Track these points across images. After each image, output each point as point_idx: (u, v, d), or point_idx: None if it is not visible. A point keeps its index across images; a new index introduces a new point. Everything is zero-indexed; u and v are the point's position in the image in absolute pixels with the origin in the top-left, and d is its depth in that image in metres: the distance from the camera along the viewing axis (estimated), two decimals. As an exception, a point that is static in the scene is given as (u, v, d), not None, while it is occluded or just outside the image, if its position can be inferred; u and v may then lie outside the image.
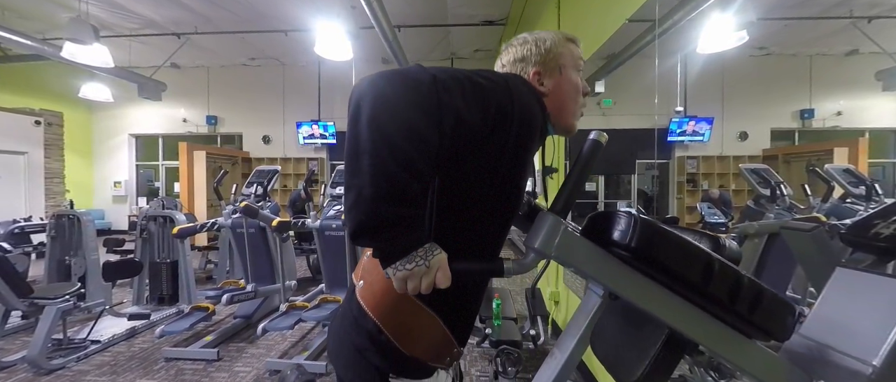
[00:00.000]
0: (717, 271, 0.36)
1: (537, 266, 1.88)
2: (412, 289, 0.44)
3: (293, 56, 6.26)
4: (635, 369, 0.55)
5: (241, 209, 2.24)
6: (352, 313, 0.62)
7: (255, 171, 2.90)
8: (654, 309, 0.36)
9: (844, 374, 0.35)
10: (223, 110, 6.89)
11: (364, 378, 0.59)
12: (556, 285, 2.27)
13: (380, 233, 0.42)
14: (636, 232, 0.36)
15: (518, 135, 0.47)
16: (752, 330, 0.37)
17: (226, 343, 2.33)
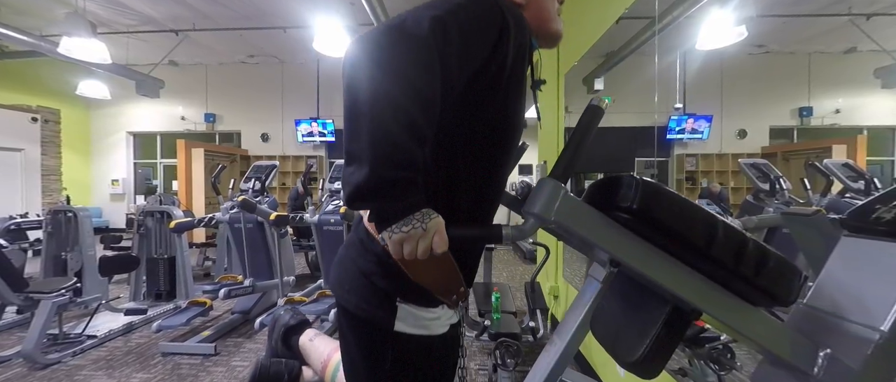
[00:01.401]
0: (720, 232, 0.36)
1: (537, 260, 1.88)
2: (408, 253, 0.43)
3: (292, 54, 6.25)
4: (636, 348, 0.54)
5: (239, 203, 2.23)
6: (359, 238, 0.61)
7: (253, 166, 2.89)
8: (656, 276, 0.36)
9: (851, 341, 0.34)
10: (221, 108, 6.87)
11: (370, 301, 0.57)
12: (555, 279, 2.26)
13: (377, 195, 0.41)
14: (639, 192, 0.36)
15: (516, 51, 0.47)
16: (756, 295, 0.36)
17: (223, 338, 2.32)
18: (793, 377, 0.37)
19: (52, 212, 2.72)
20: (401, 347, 0.58)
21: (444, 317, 0.61)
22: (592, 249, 0.37)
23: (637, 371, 0.55)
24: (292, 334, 0.94)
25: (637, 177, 0.36)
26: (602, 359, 1.61)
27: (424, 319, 0.58)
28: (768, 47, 4.73)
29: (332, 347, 0.85)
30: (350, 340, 0.65)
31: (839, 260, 0.39)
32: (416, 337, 0.58)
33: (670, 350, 0.54)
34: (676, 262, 0.36)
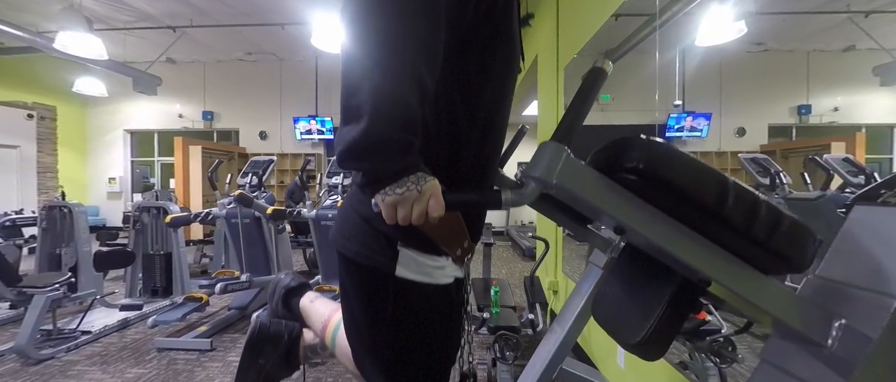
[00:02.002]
0: (732, 192, 0.34)
1: (536, 254, 1.86)
2: (403, 217, 0.41)
3: (290, 51, 6.22)
4: (640, 329, 0.52)
5: (236, 197, 2.20)
6: (357, 185, 0.59)
7: (250, 161, 2.87)
8: (664, 242, 0.34)
9: (867, 309, 0.33)
10: (219, 106, 6.84)
11: (370, 246, 0.55)
12: (555, 274, 2.25)
13: (372, 154, 0.39)
14: (647, 152, 0.34)
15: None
16: (769, 260, 0.35)
17: (219, 333, 2.30)
18: (805, 350, 0.35)
19: (46, 208, 2.69)
20: (402, 294, 0.56)
21: (448, 268, 0.58)
22: (597, 215, 0.35)
23: (641, 353, 0.54)
24: (293, 296, 0.92)
25: (644, 137, 0.35)
26: (602, 352, 1.60)
27: (427, 266, 0.56)
28: (767, 45, 4.75)
29: (333, 308, 0.83)
30: (350, 290, 0.63)
31: (852, 230, 0.38)
32: (418, 284, 0.56)
33: (675, 330, 0.52)
34: (685, 228, 0.34)
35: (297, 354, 0.88)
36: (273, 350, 0.85)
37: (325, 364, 2.01)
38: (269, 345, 0.85)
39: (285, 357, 0.86)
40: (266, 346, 0.85)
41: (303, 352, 0.89)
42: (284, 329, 0.87)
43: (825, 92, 4.06)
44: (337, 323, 0.77)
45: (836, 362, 0.33)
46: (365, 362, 0.65)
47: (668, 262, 0.37)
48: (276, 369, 0.86)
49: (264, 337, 0.86)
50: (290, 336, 0.86)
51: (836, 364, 0.33)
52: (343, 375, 1.81)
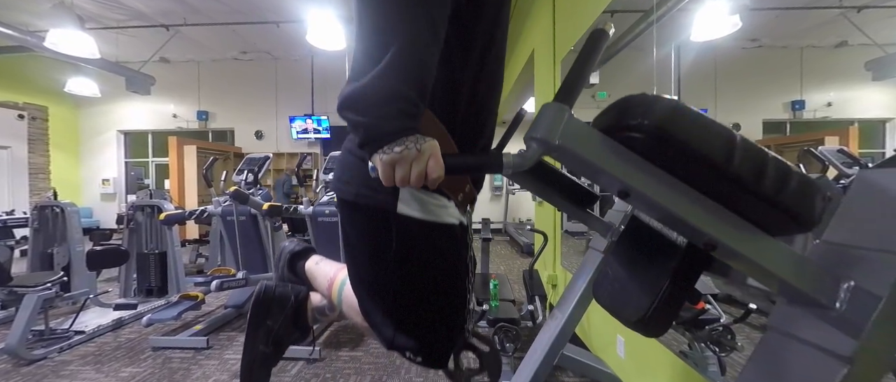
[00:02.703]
0: (740, 147, 0.33)
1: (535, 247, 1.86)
2: (401, 178, 0.40)
3: (285, 49, 6.19)
4: (643, 305, 0.52)
5: (231, 193, 2.18)
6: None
7: (245, 158, 2.83)
8: (669, 203, 0.33)
9: (875, 269, 0.32)
10: (214, 105, 6.78)
11: (371, 186, 0.53)
12: (553, 268, 2.24)
13: (378, 107, 0.39)
14: (651, 108, 0.33)
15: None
16: (777, 218, 0.34)
17: (216, 332, 2.27)
18: (813, 314, 0.34)
19: (38, 208, 2.65)
20: (405, 232, 0.54)
21: (451, 209, 0.57)
22: (600, 178, 0.34)
23: (644, 330, 0.53)
24: (298, 260, 0.90)
25: (649, 94, 0.34)
26: (601, 343, 1.60)
27: (430, 204, 0.54)
28: (761, 41, 4.81)
29: (338, 267, 0.82)
30: (352, 236, 0.61)
31: (857, 195, 0.37)
32: (421, 222, 0.54)
33: (677, 306, 0.52)
34: (691, 189, 0.33)
35: (306, 316, 0.86)
36: (280, 311, 0.83)
37: (333, 324, 1.99)
38: (276, 306, 0.84)
39: (293, 319, 0.85)
40: (272, 307, 0.83)
41: (311, 314, 0.87)
42: (291, 292, 0.86)
43: (818, 87, 4.12)
44: (343, 279, 0.76)
45: (845, 324, 0.32)
46: (372, 310, 0.63)
47: (672, 227, 0.36)
48: (285, 331, 0.84)
49: (270, 298, 0.84)
50: (296, 298, 0.85)
51: (845, 326, 0.32)
52: (342, 371, 1.80)
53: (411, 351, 0.61)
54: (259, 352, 0.83)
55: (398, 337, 0.60)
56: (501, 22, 0.57)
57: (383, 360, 1.90)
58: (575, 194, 0.80)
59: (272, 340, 0.83)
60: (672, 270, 0.51)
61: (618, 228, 0.78)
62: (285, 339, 0.86)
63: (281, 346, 0.86)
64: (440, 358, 0.63)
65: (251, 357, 0.83)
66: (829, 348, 0.32)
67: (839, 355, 0.31)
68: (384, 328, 0.61)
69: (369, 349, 2.03)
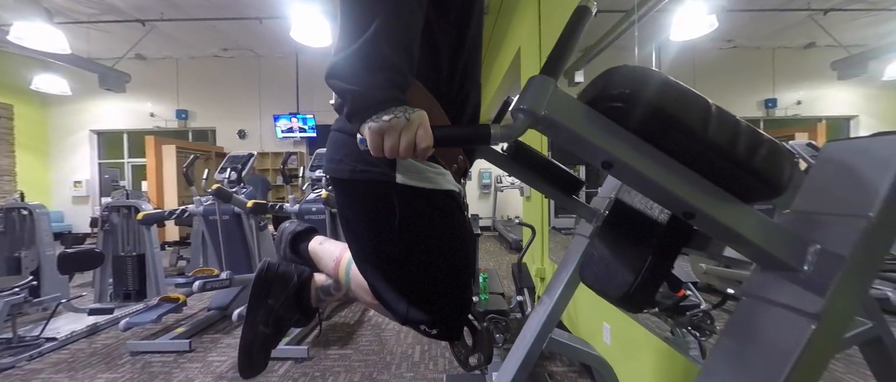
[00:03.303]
0: (715, 114, 0.35)
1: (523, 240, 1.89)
2: (390, 148, 0.40)
3: (269, 47, 6.05)
4: (627, 281, 0.53)
5: (213, 191, 2.12)
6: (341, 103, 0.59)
7: (228, 156, 2.76)
8: (650, 172, 0.35)
9: (839, 231, 0.34)
10: (194, 104, 6.57)
11: (366, 160, 0.52)
12: (541, 261, 2.28)
13: (366, 74, 0.39)
14: (632, 77, 0.35)
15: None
16: (750, 183, 0.36)
17: (199, 334, 2.20)
18: (783, 278, 0.36)
19: (4, 210, 2.51)
20: (407, 201, 0.54)
21: (448, 176, 0.57)
22: (585, 149, 0.35)
23: (629, 305, 0.55)
24: (300, 240, 0.88)
25: (631, 65, 0.35)
26: (588, 332, 1.63)
27: (427, 171, 0.54)
28: (736, 42, 5.05)
29: (343, 245, 0.80)
30: (351, 216, 0.60)
31: (823, 166, 0.39)
32: (421, 190, 0.54)
33: (659, 280, 0.53)
34: (670, 159, 0.35)
35: (309, 296, 0.84)
36: (282, 289, 0.80)
37: (321, 323, 1.95)
38: (278, 284, 0.81)
39: (296, 299, 0.82)
40: (274, 284, 0.80)
41: (314, 294, 0.84)
42: (293, 271, 0.83)
43: (789, 86, 4.37)
44: (349, 258, 0.74)
45: (812, 284, 0.34)
46: (382, 288, 0.62)
47: (654, 197, 0.38)
48: (287, 311, 0.81)
49: (272, 276, 0.81)
50: (299, 278, 0.82)
51: (812, 286, 0.34)
52: (331, 369, 1.77)
53: (426, 324, 0.60)
54: (259, 332, 0.79)
55: (412, 311, 0.60)
56: (470, 36, 0.57)
57: (373, 357, 1.88)
58: (561, 180, 0.82)
59: (273, 320, 0.80)
60: (654, 246, 0.53)
61: (603, 213, 0.80)
62: (286, 320, 0.83)
63: (282, 327, 0.83)
64: (455, 329, 0.63)
65: (250, 338, 0.79)
66: (799, 307, 0.34)
67: (808, 312, 0.33)
68: (397, 303, 0.61)
69: (359, 346, 2.01)
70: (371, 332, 2.20)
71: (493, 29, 4.34)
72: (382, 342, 2.07)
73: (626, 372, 1.25)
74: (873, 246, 0.32)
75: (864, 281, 0.33)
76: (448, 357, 1.86)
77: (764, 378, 0.34)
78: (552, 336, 0.83)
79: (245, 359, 0.80)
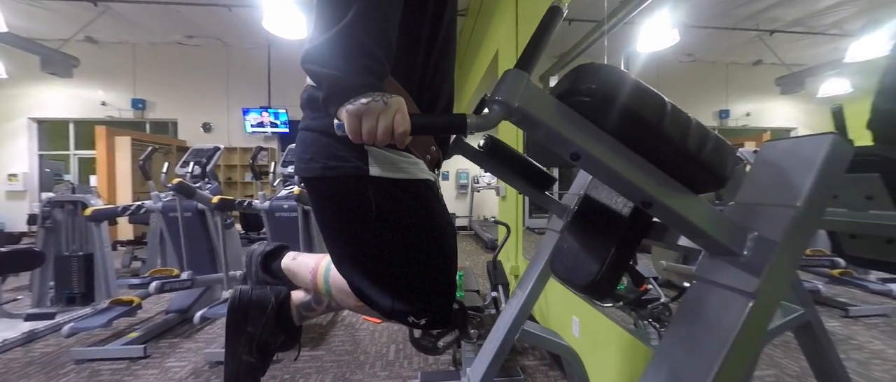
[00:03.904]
0: (669, 110, 0.38)
1: (498, 239, 1.94)
2: (368, 131, 0.40)
3: (239, 36, 5.77)
4: (593, 271, 0.57)
5: (174, 186, 1.99)
6: (307, 98, 0.57)
7: (191, 149, 2.60)
8: (614, 164, 0.37)
9: (773, 220, 0.38)
10: (154, 93, 6.12)
11: (336, 156, 0.52)
12: (516, 260, 2.33)
13: (346, 60, 0.39)
14: (599, 74, 0.37)
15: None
16: (698, 174, 0.40)
17: (156, 339, 2.06)
18: (727, 262, 0.40)
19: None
20: (383, 192, 0.53)
21: (422, 165, 0.57)
22: (554, 141, 0.37)
23: (594, 293, 0.58)
24: (272, 260, 0.84)
25: (598, 63, 0.38)
26: (558, 326, 1.69)
27: (401, 161, 0.54)
28: (695, 56, 5.47)
29: (319, 256, 0.78)
30: (327, 215, 0.59)
31: (761, 162, 0.44)
32: (395, 180, 0.54)
33: (621, 270, 0.57)
34: (631, 151, 0.38)
35: (290, 316, 0.80)
36: (260, 314, 0.77)
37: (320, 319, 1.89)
38: (255, 310, 0.77)
39: (277, 322, 0.78)
40: (250, 311, 0.77)
41: (296, 312, 0.81)
42: (270, 293, 0.79)
43: (740, 99, 4.80)
44: (327, 265, 0.72)
45: (750, 266, 0.38)
46: (364, 285, 0.61)
47: (616, 187, 0.41)
48: (269, 334, 0.78)
49: (246, 303, 0.77)
50: (277, 299, 0.78)
51: (750, 268, 0.38)
52: (302, 371, 1.72)
53: (413, 315, 0.60)
54: (243, 362, 0.76)
55: (397, 304, 0.59)
56: (445, 26, 0.58)
57: (346, 357, 1.85)
58: (534, 177, 0.85)
59: (256, 347, 0.77)
60: (617, 237, 0.56)
61: (572, 209, 0.84)
62: (271, 344, 0.79)
63: (267, 353, 0.79)
64: (443, 317, 0.63)
65: (235, 369, 0.76)
66: (739, 287, 0.38)
67: (746, 291, 0.37)
68: (381, 298, 0.60)
69: (331, 347, 1.97)
70: (344, 333, 2.16)
71: (472, 31, 4.40)
72: (356, 342, 2.03)
73: (593, 362, 1.31)
74: (800, 231, 0.37)
75: (793, 262, 0.38)
76: (423, 355, 1.86)
77: (709, 352, 0.37)
78: (524, 328, 0.86)
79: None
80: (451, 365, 1.75)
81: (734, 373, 0.36)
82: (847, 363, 0.75)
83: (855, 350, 1.61)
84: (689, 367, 0.38)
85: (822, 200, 0.37)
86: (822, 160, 0.37)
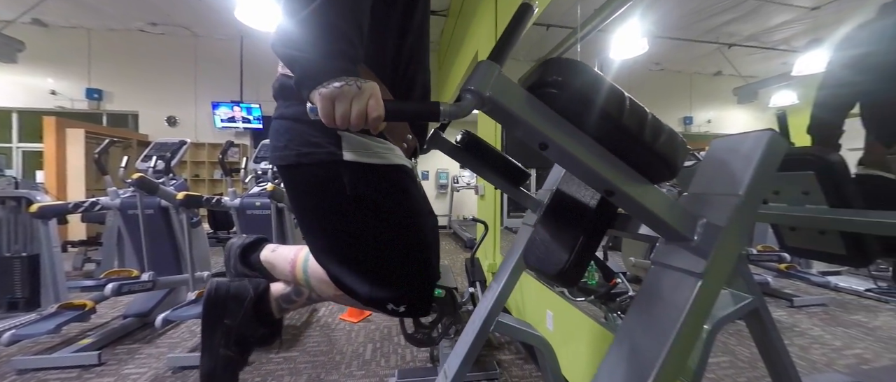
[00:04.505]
0: (628, 105, 0.41)
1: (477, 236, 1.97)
2: (341, 115, 0.40)
3: (209, 26, 5.49)
4: (563, 259, 0.59)
5: (135, 181, 1.87)
6: (280, 85, 0.56)
7: (154, 143, 2.45)
8: (579, 153, 0.39)
9: (719, 207, 0.42)
10: (111, 83, 5.71)
11: (310, 142, 0.51)
12: (493, 257, 2.37)
13: (319, 43, 0.39)
14: (565, 67, 0.39)
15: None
16: (654, 163, 0.43)
17: (111, 345, 1.92)
18: (680, 246, 0.44)
19: None
20: (357, 176, 0.53)
21: (397, 150, 0.57)
22: (523, 131, 0.39)
23: (564, 280, 0.61)
24: (251, 252, 0.81)
25: (566, 58, 0.40)
26: (533, 320, 1.74)
27: (375, 146, 0.54)
28: (663, 65, 5.81)
29: (298, 247, 0.76)
30: (304, 203, 0.58)
31: (710, 156, 0.48)
32: (370, 165, 0.53)
33: (588, 258, 0.60)
34: (594, 142, 0.40)
35: (270, 308, 0.78)
36: (238, 306, 0.74)
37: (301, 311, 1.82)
38: (233, 302, 0.74)
39: (256, 314, 0.76)
40: (228, 304, 0.74)
41: (276, 305, 0.79)
42: (248, 285, 0.77)
43: (702, 107, 5.15)
44: (306, 256, 0.71)
45: (699, 250, 0.42)
46: (342, 272, 0.60)
47: (582, 177, 0.43)
48: (248, 327, 0.75)
49: (224, 296, 0.75)
50: (256, 291, 0.76)
51: (699, 251, 0.41)
52: (274, 373, 1.66)
53: (392, 302, 0.60)
54: (221, 356, 0.73)
55: (375, 290, 0.59)
56: (417, 18, 0.59)
57: (322, 358, 1.80)
58: (509, 171, 0.87)
59: (234, 341, 0.74)
60: (585, 228, 0.59)
61: (545, 203, 0.87)
62: (250, 338, 0.76)
63: (246, 346, 0.76)
64: (423, 304, 0.63)
65: (212, 364, 0.73)
66: (689, 268, 0.41)
67: (695, 272, 0.41)
68: (359, 285, 0.59)
69: (306, 348, 1.92)
70: (319, 333, 2.11)
71: (452, 32, 4.43)
72: (332, 342, 1.99)
73: (566, 354, 1.36)
74: (743, 217, 0.41)
75: (737, 245, 0.41)
76: (400, 353, 1.85)
77: (664, 329, 0.40)
78: (499, 319, 0.88)
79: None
80: (429, 362, 1.75)
81: (686, 347, 0.39)
82: (791, 348, 0.83)
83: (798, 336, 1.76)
84: (646, 343, 0.40)
85: (762, 189, 0.41)
86: (760, 154, 0.41)
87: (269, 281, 0.80)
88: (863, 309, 1.99)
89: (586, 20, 3.15)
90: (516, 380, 1.60)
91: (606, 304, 1.76)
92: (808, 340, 1.69)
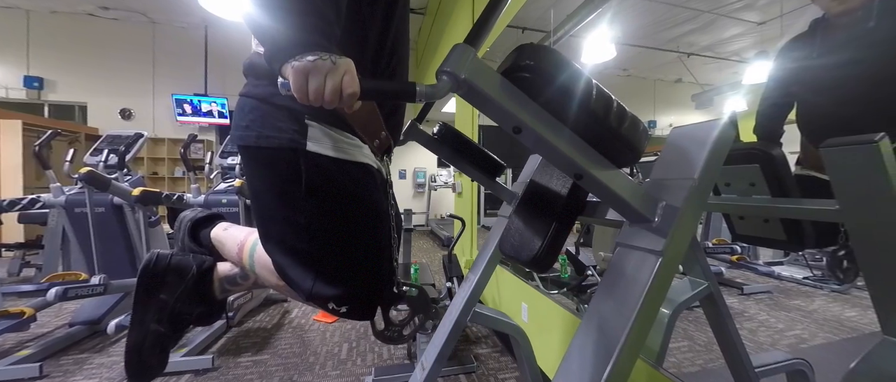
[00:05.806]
0: (595, 91, 0.44)
1: (454, 232, 1.98)
2: (314, 90, 0.38)
3: (168, 12, 5.14)
4: (536, 246, 0.61)
5: (83, 176, 1.71)
6: (250, 64, 0.55)
7: (105, 136, 2.26)
8: (550, 137, 0.41)
9: (677, 190, 0.45)
10: (55, 71, 5.20)
11: (274, 126, 0.50)
12: (470, 254, 2.40)
13: (294, 15, 0.37)
14: (537, 52, 0.41)
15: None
16: (619, 147, 0.46)
17: (56, 356, 1.75)
18: (642, 228, 0.47)
19: None
20: (316, 169, 0.51)
21: (366, 150, 0.56)
22: (497, 114, 0.40)
23: (537, 266, 0.63)
24: (202, 227, 0.77)
25: (538, 44, 0.42)
26: (510, 311, 1.78)
27: (342, 141, 0.52)
28: (630, 72, 6.15)
29: (250, 230, 0.73)
30: (258, 185, 0.56)
31: (670, 145, 0.52)
32: (333, 159, 0.52)
33: (560, 244, 0.63)
34: (564, 126, 0.42)
35: (212, 288, 0.74)
36: (178, 281, 0.70)
37: (231, 330, 1.73)
38: (172, 276, 0.70)
39: (196, 292, 0.72)
40: (167, 277, 0.70)
41: (219, 285, 0.75)
42: (191, 260, 0.73)
43: (664, 111, 5.50)
44: (254, 241, 0.68)
45: (659, 230, 0.45)
46: (287, 264, 0.58)
47: (552, 161, 0.45)
48: (185, 305, 0.71)
49: (163, 268, 0.70)
50: (199, 269, 0.72)
51: (659, 231, 0.45)
52: (243, 378, 1.58)
53: (334, 301, 0.58)
54: (151, 331, 0.69)
55: (318, 286, 0.57)
56: (397, 16, 0.59)
57: (295, 360, 1.74)
58: (486, 164, 0.89)
59: (168, 317, 0.70)
60: (556, 214, 0.62)
61: (519, 195, 0.89)
62: (185, 316, 0.72)
63: (180, 324, 0.72)
64: (367, 308, 0.61)
65: (140, 338, 0.68)
66: (650, 247, 0.44)
67: (656, 251, 0.44)
68: (302, 279, 0.57)
69: (277, 350, 1.84)
70: (292, 335, 2.03)
71: (429, 31, 4.43)
72: (305, 343, 1.93)
73: (541, 343, 1.40)
74: (697, 198, 0.44)
75: (692, 225, 0.45)
76: (377, 352, 1.83)
77: (627, 304, 0.43)
78: (476, 310, 0.90)
79: (135, 358, 0.68)
80: (407, 359, 1.74)
81: (648, 320, 0.42)
82: (741, 331, 0.91)
83: (747, 320, 1.93)
84: (612, 319, 0.43)
85: (714, 173, 0.45)
86: (712, 140, 0.45)
87: (216, 260, 0.77)
88: (802, 295, 2.22)
89: (559, 25, 3.29)
90: (493, 372, 1.62)
91: (578, 296, 1.84)
92: (755, 323, 1.86)
